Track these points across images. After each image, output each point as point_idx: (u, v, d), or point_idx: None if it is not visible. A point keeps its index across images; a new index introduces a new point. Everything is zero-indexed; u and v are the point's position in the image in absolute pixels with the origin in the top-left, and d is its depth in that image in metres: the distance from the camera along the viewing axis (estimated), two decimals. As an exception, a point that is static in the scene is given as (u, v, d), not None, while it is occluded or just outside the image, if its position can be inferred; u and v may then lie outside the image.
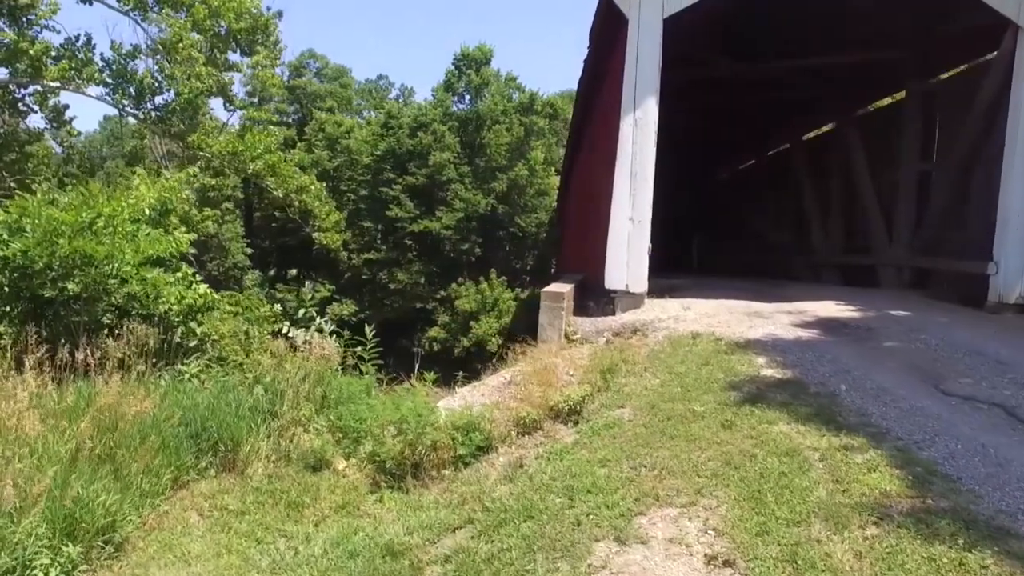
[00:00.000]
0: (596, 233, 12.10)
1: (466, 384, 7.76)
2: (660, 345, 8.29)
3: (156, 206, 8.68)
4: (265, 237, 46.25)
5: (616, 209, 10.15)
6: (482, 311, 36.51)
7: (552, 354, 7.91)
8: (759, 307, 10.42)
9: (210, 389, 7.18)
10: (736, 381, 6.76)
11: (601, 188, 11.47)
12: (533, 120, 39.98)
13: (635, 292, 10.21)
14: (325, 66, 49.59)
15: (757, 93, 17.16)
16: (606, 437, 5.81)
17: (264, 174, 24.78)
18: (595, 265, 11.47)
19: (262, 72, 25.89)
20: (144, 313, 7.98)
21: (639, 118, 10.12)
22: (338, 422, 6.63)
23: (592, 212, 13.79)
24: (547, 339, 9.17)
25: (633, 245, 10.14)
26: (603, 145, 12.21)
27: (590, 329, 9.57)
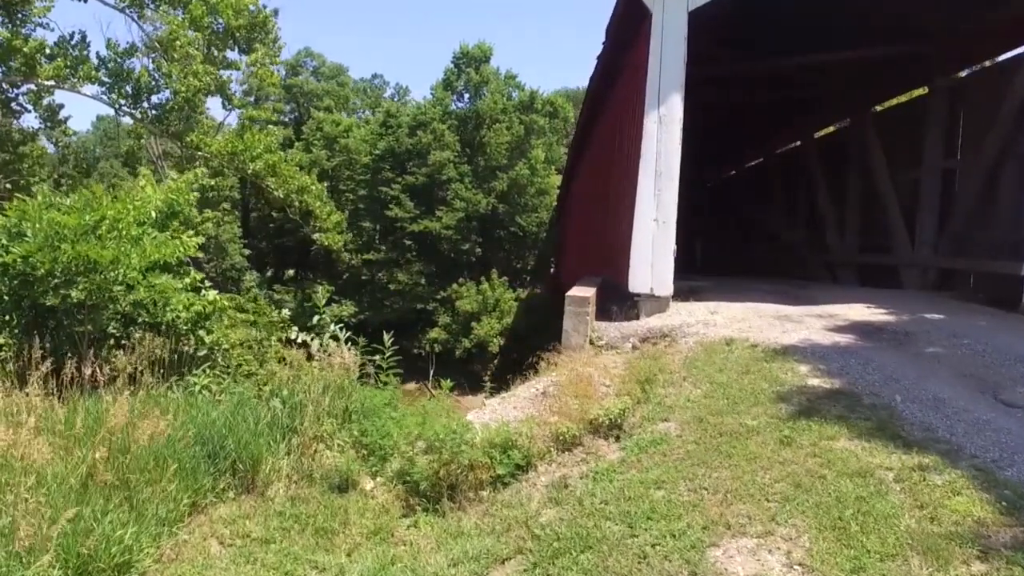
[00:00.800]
0: (615, 234, 11.72)
1: (494, 396, 7.36)
2: (694, 352, 7.90)
3: (163, 208, 8.26)
4: (262, 238, 45.75)
5: (640, 210, 9.76)
6: (483, 312, 36.12)
7: (584, 363, 7.52)
8: (788, 310, 10.05)
9: (225, 403, 6.77)
10: (783, 392, 6.38)
11: (622, 187, 11.09)
12: (533, 119, 39.59)
13: (660, 296, 9.83)
14: (322, 64, 49.12)
15: (767, 90, 16.82)
16: (655, 455, 5.42)
17: (264, 174, 24.34)
18: (615, 267, 11.09)
19: (261, 70, 25.39)
20: (151, 321, 7.57)
21: (663, 115, 9.74)
22: (363, 438, 6.22)
23: (608, 212, 13.42)
24: (572, 345, 8.78)
25: (658, 247, 9.76)
26: (622, 143, 11.83)
27: (615, 334, 9.18)
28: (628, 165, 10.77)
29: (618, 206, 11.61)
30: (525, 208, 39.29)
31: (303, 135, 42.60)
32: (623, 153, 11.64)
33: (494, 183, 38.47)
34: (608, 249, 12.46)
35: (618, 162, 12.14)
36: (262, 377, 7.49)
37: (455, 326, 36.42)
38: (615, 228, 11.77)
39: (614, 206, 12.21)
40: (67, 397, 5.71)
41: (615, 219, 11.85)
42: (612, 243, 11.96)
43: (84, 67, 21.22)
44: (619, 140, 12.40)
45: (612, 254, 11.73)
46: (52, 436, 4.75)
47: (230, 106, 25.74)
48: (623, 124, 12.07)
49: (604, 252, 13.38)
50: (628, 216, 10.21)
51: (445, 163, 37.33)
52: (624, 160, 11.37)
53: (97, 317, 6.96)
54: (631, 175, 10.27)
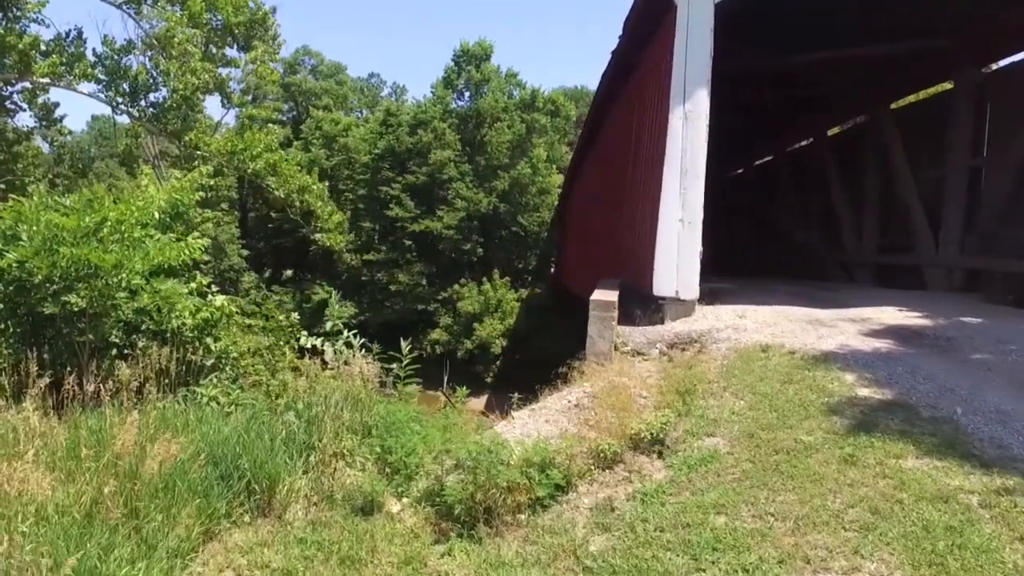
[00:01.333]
0: (634, 235, 11.31)
1: (523, 407, 6.93)
2: (729, 360, 7.50)
3: (166, 209, 7.82)
4: (260, 238, 45.22)
5: (664, 210, 9.35)
6: (485, 312, 35.68)
7: (617, 372, 7.11)
8: (818, 314, 9.65)
9: (235, 416, 6.34)
10: (833, 403, 5.98)
11: (643, 187, 10.68)
12: (535, 117, 39.15)
13: (685, 299, 9.43)
14: (320, 63, 48.62)
15: (779, 87, 16.43)
16: (707, 474, 5.01)
17: (265, 174, 23.87)
18: (636, 269, 10.68)
19: (261, 67, 24.92)
20: (155, 329, 7.13)
21: (689, 111, 9.33)
22: (387, 456, 5.79)
23: (623, 212, 13.01)
24: (597, 352, 8.36)
25: (684, 248, 9.36)
26: (640, 141, 11.42)
27: (641, 340, 8.77)
28: (650, 163, 10.37)
29: (638, 206, 11.21)
30: (527, 207, 38.85)
31: (302, 134, 42.10)
32: (642, 151, 11.23)
33: (495, 182, 38.02)
34: (626, 251, 12.05)
35: (636, 160, 11.73)
36: (274, 388, 7.05)
37: (457, 327, 35.98)
38: (634, 229, 11.36)
39: (632, 206, 11.80)
40: (68, 413, 5.28)
41: (633, 219, 11.45)
42: (631, 244, 11.55)
43: (80, 64, 20.73)
44: (636, 138, 12.00)
45: (631, 256, 11.32)
46: (52, 459, 4.32)
47: (229, 104, 25.28)
48: (641, 121, 11.66)
49: (620, 254, 12.97)
50: (651, 216, 9.81)
51: (446, 162, 36.87)
52: (644, 158, 10.96)
53: (99, 325, 6.52)
54: (654, 174, 9.87)
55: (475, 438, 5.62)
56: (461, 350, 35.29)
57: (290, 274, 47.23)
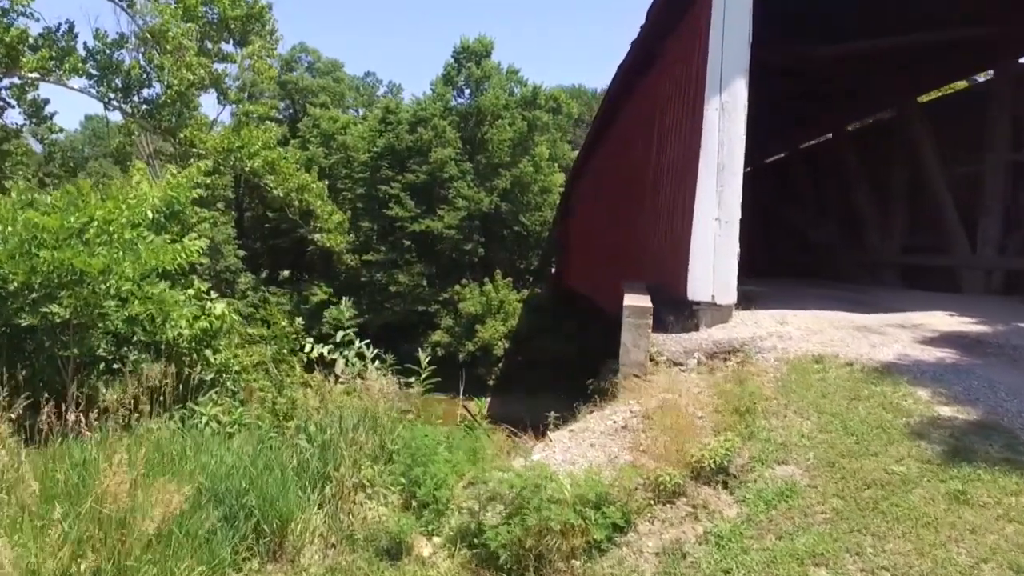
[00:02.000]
0: (661, 235, 10.62)
1: (560, 428, 6.23)
2: (781, 372, 6.82)
3: (161, 208, 7.10)
4: (257, 238, 44.41)
5: (700, 208, 8.66)
6: (487, 314, 34.97)
7: (664, 387, 6.42)
8: (863, 320, 8.98)
9: (238, 439, 5.64)
10: (915, 424, 5.31)
11: (672, 184, 9.99)
12: (536, 115, 38.44)
13: (722, 304, 8.73)
14: (317, 60, 47.85)
15: (797, 81, 15.75)
16: (790, 513, 4.33)
17: (263, 172, 23.12)
18: (665, 272, 10.00)
19: (258, 62, 24.15)
20: (148, 341, 6.42)
21: (726, 102, 8.64)
22: (414, 488, 5.09)
23: (643, 211, 12.32)
24: (631, 362, 7.68)
25: (720, 249, 8.66)
26: (666, 136, 10.73)
27: (676, 349, 8.08)
28: (679, 159, 9.68)
29: (665, 204, 10.51)
30: (529, 207, 38.15)
31: (299, 132, 41.30)
32: (668, 146, 10.54)
33: (497, 181, 37.32)
34: (650, 252, 11.35)
35: (661, 156, 11.03)
36: (281, 406, 6.35)
37: (458, 329, 35.27)
38: (660, 229, 10.67)
39: (657, 204, 11.10)
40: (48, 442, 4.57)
41: (659, 218, 10.75)
42: (657, 245, 10.85)
43: (70, 59, 19.95)
44: (660, 132, 11.30)
45: (658, 257, 10.63)
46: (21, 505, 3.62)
47: (225, 101, 24.50)
48: (666, 115, 10.97)
49: (642, 255, 12.28)
50: (683, 215, 9.12)
51: (446, 160, 36.16)
52: (671, 154, 10.27)
53: (84, 338, 5.80)
54: (686, 170, 9.18)
55: (510, 464, 4.93)
56: (463, 352, 34.57)
57: (287, 275, 46.49)
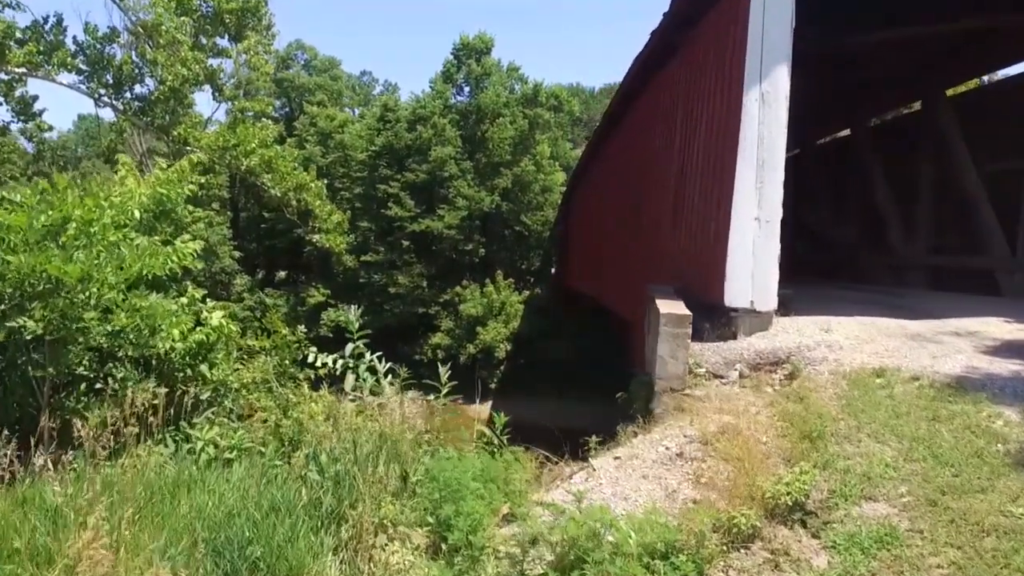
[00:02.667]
0: (690, 237, 9.95)
1: (600, 452, 5.53)
2: (840, 388, 6.15)
3: (149, 206, 6.39)
4: (253, 239, 43.60)
5: (738, 207, 8.00)
6: (489, 315, 34.28)
7: (717, 407, 5.74)
8: (914, 327, 8.31)
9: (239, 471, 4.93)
10: (1017, 453, 4.65)
11: (705, 181, 9.30)
12: (538, 112, 37.71)
13: (762, 310, 8.07)
14: (314, 57, 47.03)
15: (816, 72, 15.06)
16: (896, 564, 3.65)
17: (259, 171, 22.36)
18: (697, 276, 9.32)
19: (254, 58, 23.41)
20: (136, 356, 5.71)
21: (766, 92, 7.97)
22: (441, 528, 4.40)
23: (663, 212, 11.64)
24: (670, 375, 7.00)
25: (760, 251, 8.01)
26: (694, 130, 10.04)
27: (716, 359, 7.42)
28: (713, 154, 9.00)
29: (695, 203, 9.84)
30: (530, 206, 37.44)
31: (295, 131, 40.51)
32: (698, 141, 9.85)
33: (497, 180, 36.61)
34: (677, 254, 10.67)
35: (689, 152, 10.34)
36: (287, 429, 5.64)
37: (459, 331, 34.57)
38: (690, 229, 9.99)
39: (685, 203, 10.43)
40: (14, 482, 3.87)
41: (688, 218, 10.08)
42: (685, 247, 10.17)
43: (59, 53, 19.17)
44: (688, 126, 10.62)
45: (688, 260, 9.94)
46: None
47: (221, 97, 23.72)
48: (693, 108, 10.29)
49: (662, 256, 11.60)
50: (718, 215, 8.45)
51: (446, 159, 35.43)
52: (703, 148, 9.58)
53: (61, 355, 5.09)
54: (722, 165, 8.51)
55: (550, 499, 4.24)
56: (464, 355, 33.88)
57: (284, 276, 45.70)
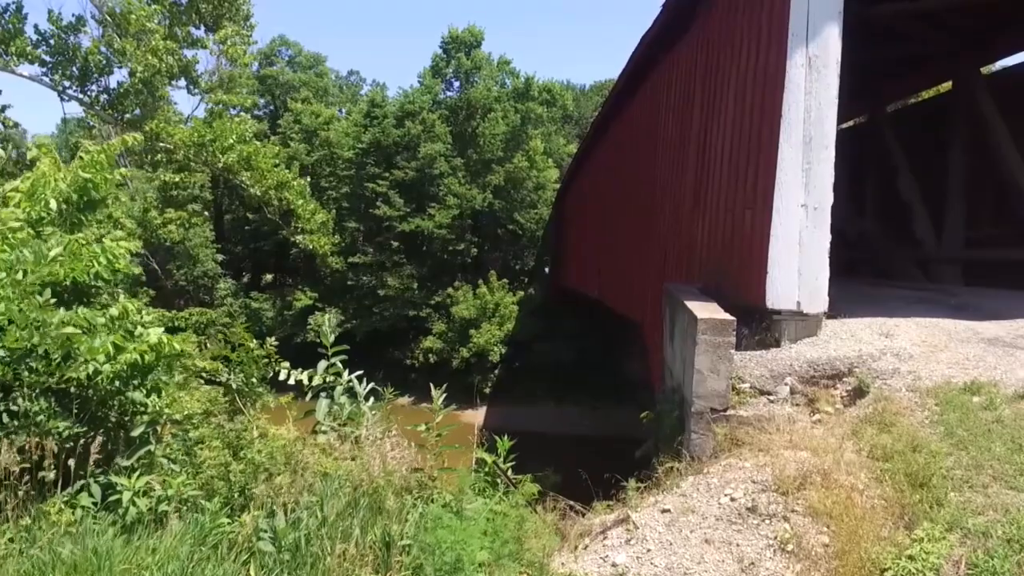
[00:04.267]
0: (716, 227, 8.77)
1: (640, 499, 4.32)
2: (929, 410, 4.98)
3: (70, 196, 5.14)
4: (238, 241, 42.16)
5: (781, 192, 6.81)
6: (482, 317, 33.05)
7: (787, 441, 4.56)
8: (985, 329, 7.16)
9: (173, 539, 3.71)
10: None
11: (736, 164, 8.11)
12: (530, 107, 36.52)
13: (809, 313, 6.88)
14: (298, 54, 45.62)
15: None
16: None
17: (238, 168, 21.07)
18: (725, 272, 8.14)
19: (231, 48, 22.04)
20: (45, 386, 4.47)
21: (814, 57, 6.80)
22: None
23: (692, 198, 10.46)
24: (709, 393, 5.81)
25: (808, 244, 6.82)
26: (727, 105, 8.86)
27: (761, 372, 6.24)
28: (745, 133, 7.81)
29: (719, 191, 8.65)
30: (523, 204, 36.21)
31: (279, 129, 39.14)
32: (725, 118, 8.66)
33: (489, 177, 35.39)
34: (696, 248, 9.48)
35: (711, 131, 9.16)
36: (239, 474, 4.42)
37: (451, 334, 33.34)
38: (718, 219, 8.80)
39: (705, 191, 9.24)
40: None
41: (716, 207, 8.88)
42: (708, 240, 8.98)
43: (17, 42, 17.84)
44: (710, 103, 9.44)
45: (712, 255, 8.75)
46: None
47: (196, 90, 22.38)
48: (717, 81, 9.10)
49: (678, 251, 10.42)
50: (756, 203, 7.27)
51: (436, 156, 34.18)
52: (731, 127, 8.40)
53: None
54: (757, 145, 7.34)
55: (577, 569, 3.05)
56: (456, 359, 32.65)
57: (270, 279, 44.31)
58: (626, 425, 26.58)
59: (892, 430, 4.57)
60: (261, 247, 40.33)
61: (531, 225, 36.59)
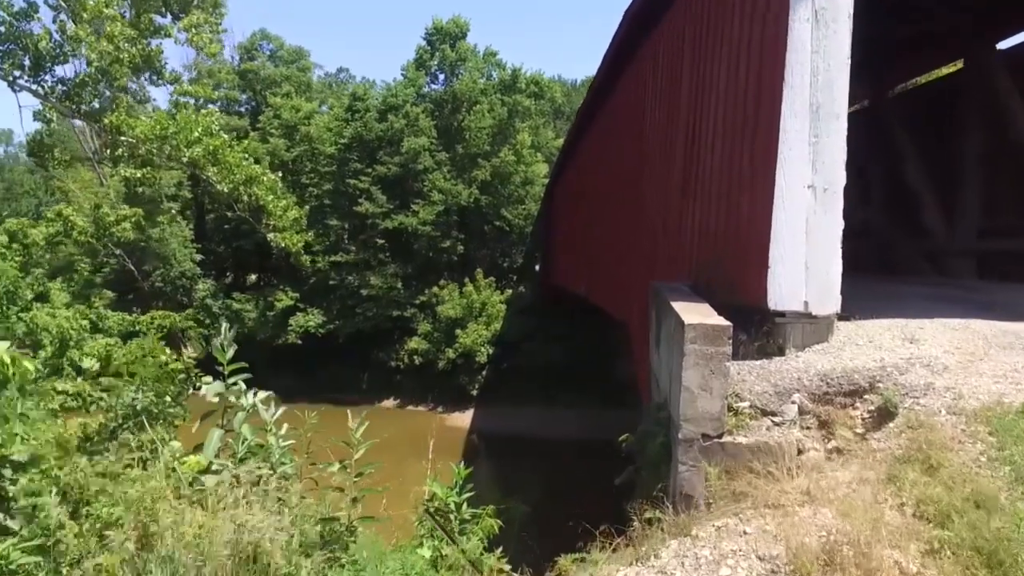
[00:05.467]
0: (712, 216, 7.70)
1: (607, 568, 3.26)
2: (983, 441, 3.94)
3: None
4: (220, 241, 40.90)
5: (784, 170, 5.75)
6: (468, 317, 31.94)
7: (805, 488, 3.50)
8: (1016, 328, 6.11)
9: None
10: None
11: (732, 141, 7.04)
12: (517, 99, 35.41)
13: (819, 315, 5.82)
14: (280, 48, 44.34)
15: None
16: None
17: (204, 163, 19.87)
18: (718, 266, 7.08)
19: (196, 36, 20.84)
20: None
21: (821, 9, 5.74)
22: None
23: (679, 184, 9.40)
24: (699, 415, 4.74)
25: (817, 232, 5.77)
26: (718, 75, 7.78)
27: (763, 388, 5.18)
28: (743, 103, 6.74)
29: (711, 173, 7.57)
30: (511, 199, 35.07)
31: (259, 124, 37.94)
32: (715, 90, 7.59)
33: (475, 172, 34.27)
34: (685, 240, 8.40)
35: (701, 107, 8.08)
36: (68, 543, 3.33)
37: (437, 334, 32.23)
38: (704, 207, 7.74)
39: (695, 175, 8.16)
40: None
41: (707, 192, 7.81)
42: (700, 230, 7.90)
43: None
44: (697, 77, 8.37)
45: (704, 247, 7.68)
46: None
47: (161, 82, 21.17)
48: (706, 49, 8.02)
49: (676, 248, 9.35)
50: (754, 184, 6.21)
51: (420, 151, 33.04)
52: (724, 98, 7.32)
53: None
54: (755, 117, 6.28)
55: None
56: (442, 360, 31.55)
57: (255, 279, 43.08)
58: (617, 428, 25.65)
59: (941, 473, 3.51)
60: (242, 246, 39.10)
61: (519, 221, 35.48)
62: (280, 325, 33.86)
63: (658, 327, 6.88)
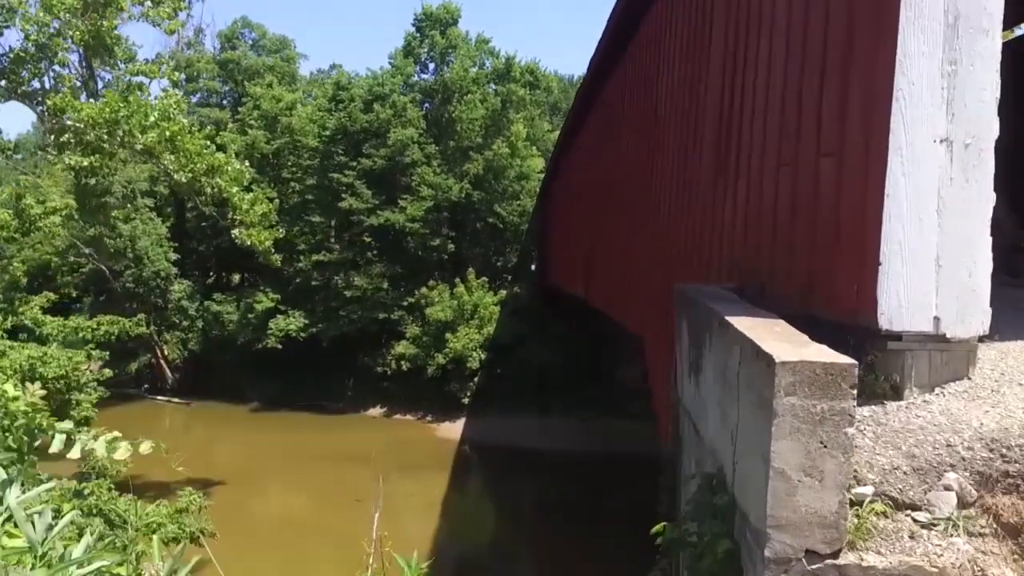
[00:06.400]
0: (745, 192, 5.65)
1: None
2: None
3: None
4: (202, 239, 38.82)
5: (903, 117, 3.71)
6: (459, 320, 29.89)
7: None
8: None
9: None
10: None
11: (814, 73, 4.95)
12: (511, 89, 33.40)
13: (956, 336, 3.79)
14: (263, 36, 42.29)
15: None
16: None
17: (160, 150, 17.82)
18: (793, 266, 5.04)
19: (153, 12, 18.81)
20: None
21: None
22: None
23: (703, 164, 7.38)
24: (796, 519, 2.75)
25: (953, 210, 3.74)
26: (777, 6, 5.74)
27: (891, 461, 3.21)
28: (820, 26, 4.68)
29: (775, 140, 5.52)
30: (504, 195, 33.07)
31: (239, 115, 35.89)
32: (773, 16, 5.55)
33: (467, 166, 32.27)
34: (728, 230, 6.36)
35: (745, 55, 6.03)
36: None
37: (426, 338, 30.23)
38: (762, 186, 5.68)
39: (738, 147, 6.12)
40: None
41: (743, 168, 5.77)
42: (750, 215, 5.85)
43: None
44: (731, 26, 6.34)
45: (760, 238, 5.60)
46: None
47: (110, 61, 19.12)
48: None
49: (707, 239, 7.32)
50: (847, 143, 4.18)
51: (408, 143, 31.04)
52: (787, 30, 5.27)
53: None
54: (843, 42, 4.23)
55: None
56: (432, 366, 29.54)
57: (239, 279, 41.02)
58: (619, 441, 23.61)
59: None
60: (223, 244, 36.98)
61: (514, 218, 33.46)
62: (261, 328, 31.85)
63: (697, 350, 4.87)
